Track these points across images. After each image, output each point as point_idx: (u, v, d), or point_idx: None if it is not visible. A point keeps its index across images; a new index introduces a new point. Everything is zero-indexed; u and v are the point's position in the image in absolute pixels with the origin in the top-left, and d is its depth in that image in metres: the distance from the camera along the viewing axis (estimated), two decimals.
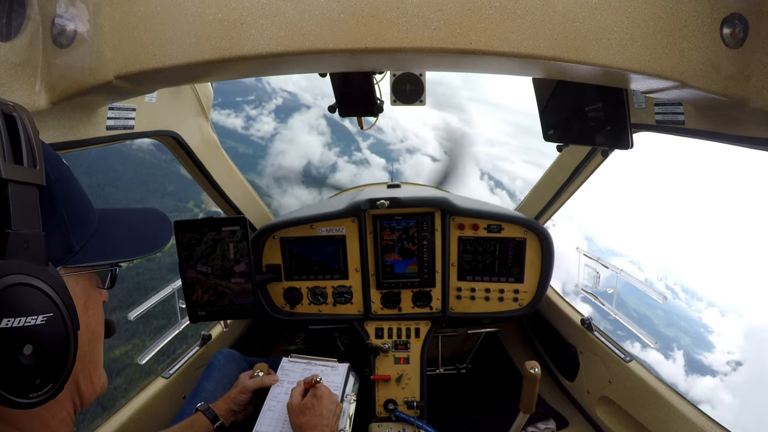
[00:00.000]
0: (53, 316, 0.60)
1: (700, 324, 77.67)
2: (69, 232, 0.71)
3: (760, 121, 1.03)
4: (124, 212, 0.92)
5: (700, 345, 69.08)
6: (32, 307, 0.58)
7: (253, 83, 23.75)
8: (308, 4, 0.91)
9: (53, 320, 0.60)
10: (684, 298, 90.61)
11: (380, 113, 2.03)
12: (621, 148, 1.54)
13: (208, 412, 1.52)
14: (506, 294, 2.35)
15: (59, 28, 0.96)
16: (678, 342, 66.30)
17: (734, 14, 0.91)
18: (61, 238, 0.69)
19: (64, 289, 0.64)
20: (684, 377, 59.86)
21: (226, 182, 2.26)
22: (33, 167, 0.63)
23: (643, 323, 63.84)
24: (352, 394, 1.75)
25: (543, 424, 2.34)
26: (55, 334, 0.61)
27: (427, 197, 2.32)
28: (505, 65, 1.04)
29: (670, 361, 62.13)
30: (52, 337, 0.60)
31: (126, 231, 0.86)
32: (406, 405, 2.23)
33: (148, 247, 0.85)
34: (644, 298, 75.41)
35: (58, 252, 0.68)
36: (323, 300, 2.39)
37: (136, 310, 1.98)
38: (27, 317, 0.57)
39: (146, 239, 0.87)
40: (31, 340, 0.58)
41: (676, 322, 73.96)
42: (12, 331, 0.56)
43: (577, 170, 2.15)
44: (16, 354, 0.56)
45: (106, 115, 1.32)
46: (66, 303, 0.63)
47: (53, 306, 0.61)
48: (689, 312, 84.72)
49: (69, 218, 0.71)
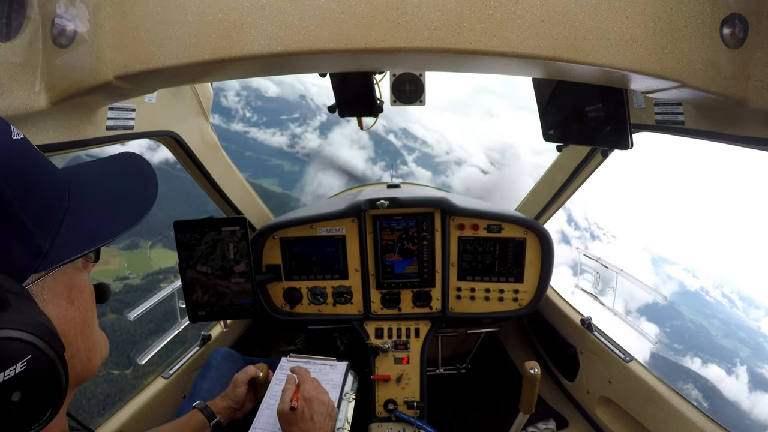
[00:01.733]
0: (32, 356, 0.54)
1: (759, 333, 72.51)
2: (32, 234, 0.60)
3: (760, 121, 1.03)
4: (93, 169, 0.78)
5: (760, 356, 63.75)
6: (7, 360, 0.52)
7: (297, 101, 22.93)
8: (308, 4, 0.91)
9: (34, 359, 0.55)
10: (741, 307, 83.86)
11: (380, 113, 2.03)
12: (621, 148, 1.54)
13: (205, 410, 1.51)
14: (506, 294, 2.35)
15: (59, 28, 0.96)
16: (738, 354, 60.41)
17: (734, 14, 0.91)
18: (23, 244, 0.59)
19: (35, 321, 0.56)
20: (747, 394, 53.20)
21: (226, 182, 2.26)
22: None
23: (700, 335, 61.38)
24: (351, 392, 1.75)
25: (543, 424, 2.34)
26: (40, 371, 0.56)
27: (427, 197, 2.32)
28: (505, 65, 1.04)
29: (733, 378, 55.16)
30: (37, 375, 0.55)
31: (101, 198, 0.73)
32: (406, 405, 2.23)
33: (132, 217, 0.72)
34: (700, 307, 71.91)
35: (23, 261, 0.59)
36: (323, 300, 2.39)
37: (136, 310, 1.98)
38: (5, 371, 0.52)
39: (127, 204, 0.74)
40: (17, 388, 0.53)
41: (734, 333, 69.29)
42: None
43: (577, 170, 2.15)
44: (6, 404, 0.53)
45: (106, 115, 1.32)
46: (42, 335, 0.56)
47: (29, 346, 0.54)
48: (747, 321, 78.82)
49: (29, 218, 0.60)
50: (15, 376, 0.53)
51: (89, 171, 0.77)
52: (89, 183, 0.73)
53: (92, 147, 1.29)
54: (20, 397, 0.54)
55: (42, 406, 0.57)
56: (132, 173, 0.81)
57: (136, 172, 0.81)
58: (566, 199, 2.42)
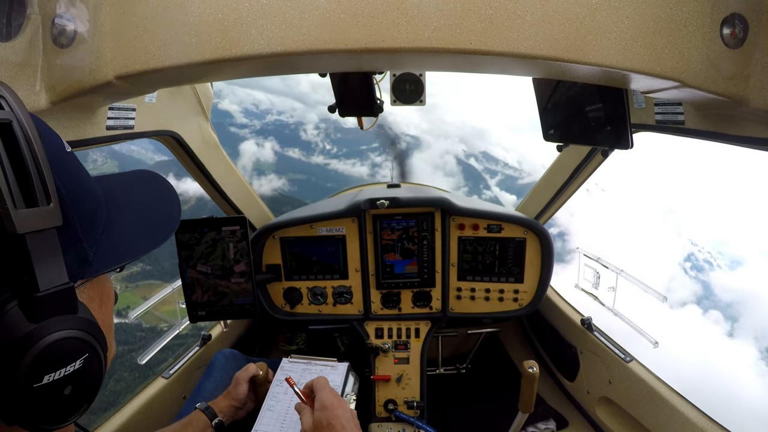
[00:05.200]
0: (88, 355, 0.61)
1: None
2: (83, 243, 0.64)
3: (760, 121, 1.03)
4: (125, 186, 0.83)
5: None
6: (70, 357, 0.59)
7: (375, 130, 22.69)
8: (308, 4, 0.91)
9: (89, 358, 0.61)
10: None
11: (380, 113, 2.03)
12: (621, 148, 1.54)
13: (207, 410, 1.51)
14: (506, 294, 2.35)
15: (59, 28, 0.96)
16: None
17: (734, 14, 0.91)
18: (77, 252, 0.64)
19: (92, 323, 0.63)
20: None
21: (226, 182, 2.26)
22: (47, 204, 0.55)
23: None
24: (352, 393, 1.75)
25: (543, 424, 2.34)
26: (91, 369, 0.62)
27: (427, 197, 2.32)
28: (505, 65, 1.04)
29: None
30: (89, 373, 0.62)
31: (135, 215, 0.78)
32: (406, 405, 2.23)
33: (163, 232, 0.79)
34: None
35: (74, 267, 0.63)
36: (323, 300, 2.39)
37: (136, 310, 1.99)
38: (66, 367, 0.58)
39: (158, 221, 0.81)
40: (70, 383, 0.59)
41: None
42: (53, 382, 0.57)
43: (577, 170, 2.15)
44: (57, 397, 0.58)
45: (106, 115, 1.32)
46: (96, 336, 0.63)
47: (87, 346, 0.61)
48: None
49: (81, 227, 0.64)
50: (74, 372, 0.59)
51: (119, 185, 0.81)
52: (121, 200, 0.77)
53: (92, 146, 1.29)
54: (71, 390, 0.59)
55: (82, 400, 0.62)
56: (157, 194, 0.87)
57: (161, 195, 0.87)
58: (566, 199, 2.42)
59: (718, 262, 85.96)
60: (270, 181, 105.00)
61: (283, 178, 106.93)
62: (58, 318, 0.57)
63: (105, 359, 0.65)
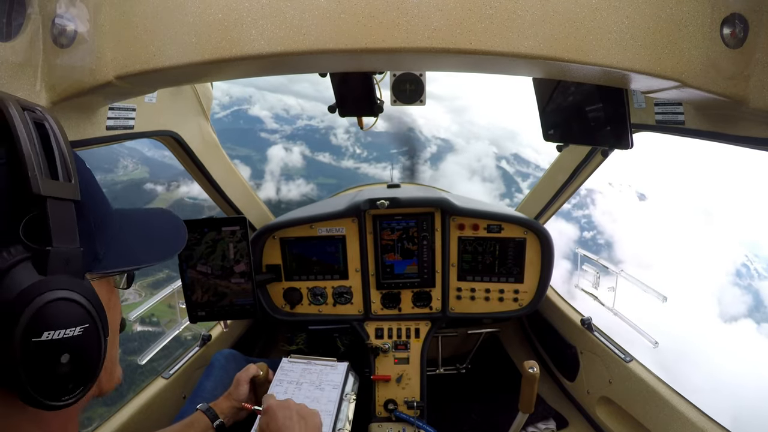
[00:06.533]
0: (89, 326, 0.63)
1: None
2: (95, 239, 0.71)
3: (760, 121, 1.03)
4: (137, 212, 0.91)
5: None
6: (71, 320, 0.60)
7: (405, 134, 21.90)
8: (308, 4, 0.91)
9: (89, 330, 0.63)
10: None
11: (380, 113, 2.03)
12: (621, 148, 1.54)
13: (209, 411, 1.51)
14: (506, 294, 2.35)
15: (59, 28, 0.96)
16: None
17: (734, 14, 0.91)
18: (89, 245, 0.69)
19: (98, 299, 0.65)
20: None
21: (226, 182, 2.26)
22: (68, 181, 0.63)
23: None
24: (352, 393, 1.75)
25: (543, 424, 2.34)
26: (89, 343, 0.63)
27: (427, 197, 2.32)
28: (505, 65, 1.04)
29: None
30: (87, 346, 0.63)
31: (143, 233, 0.85)
32: (406, 405, 2.23)
33: (167, 251, 0.85)
34: None
35: (86, 259, 0.68)
36: (323, 300, 2.39)
37: (136, 311, 1.98)
38: (66, 329, 0.60)
39: (163, 242, 0.87)
40: (68, 350, 0.60)
41: None
42: (52, 342, 0.58)
43: (577, 170, 2.15)
44: (53, 363, 0.59)
45: (106, 115, 1.32)
46: (99, 313, 0.65)
47: (89, 317, 0.63)
48: None
49: (95, 225, 0.71)
50: (72, 338, 0.60)
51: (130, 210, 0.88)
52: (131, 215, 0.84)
53: (93, 146, 1.29)
54: (68, 360, 0.60)
55: (78, 380, 0.63)
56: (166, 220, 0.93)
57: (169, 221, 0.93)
58: (566, 199, 2.42)
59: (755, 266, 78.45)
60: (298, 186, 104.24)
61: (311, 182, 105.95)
62: (65, 276, 0.60)
63: (105, 343, 0.66)
